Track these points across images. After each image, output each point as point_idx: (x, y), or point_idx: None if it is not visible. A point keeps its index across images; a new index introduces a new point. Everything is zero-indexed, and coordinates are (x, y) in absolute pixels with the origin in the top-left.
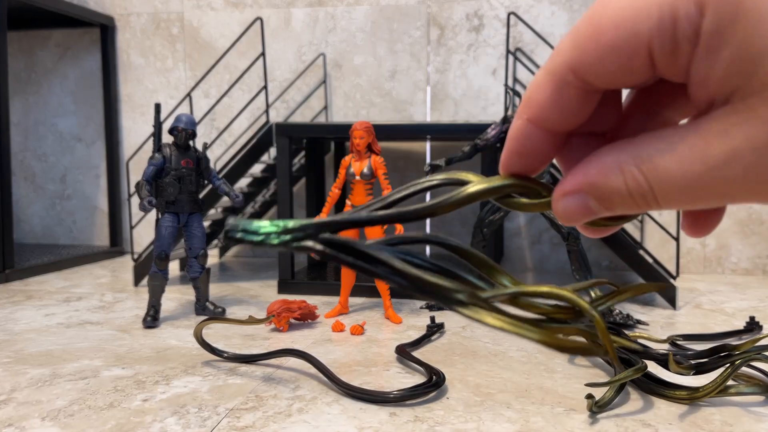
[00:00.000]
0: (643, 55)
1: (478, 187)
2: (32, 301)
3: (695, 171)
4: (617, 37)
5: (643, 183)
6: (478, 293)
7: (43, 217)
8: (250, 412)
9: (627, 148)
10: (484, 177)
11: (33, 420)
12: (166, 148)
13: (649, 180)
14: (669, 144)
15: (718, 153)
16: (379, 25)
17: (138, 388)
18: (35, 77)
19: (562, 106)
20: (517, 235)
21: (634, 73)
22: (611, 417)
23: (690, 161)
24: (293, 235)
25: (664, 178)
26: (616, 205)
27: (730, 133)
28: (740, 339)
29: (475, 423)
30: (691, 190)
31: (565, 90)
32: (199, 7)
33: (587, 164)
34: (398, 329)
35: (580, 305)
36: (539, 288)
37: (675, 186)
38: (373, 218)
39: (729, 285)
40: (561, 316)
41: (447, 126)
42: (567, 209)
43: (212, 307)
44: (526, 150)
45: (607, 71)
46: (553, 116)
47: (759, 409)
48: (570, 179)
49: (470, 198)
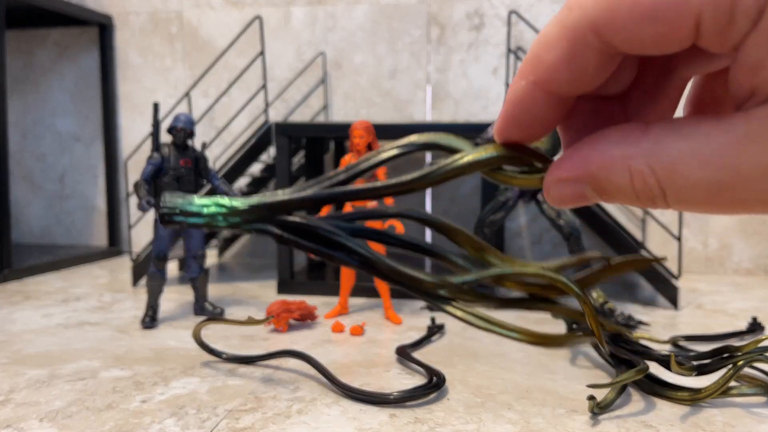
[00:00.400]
0: (689, 25)
1: (468, 158)
2: (30, 302)
3: (722, 180)
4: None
5: (654, 186)
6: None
7: (41, 217)
8: (249, 414)
9: (638, 143)
10: (471, 144)
11: (31, 421)
12: (165, 147)
13: (662, 184)
14: (692, 143)
15: (755, 161)
16: (379, 24)
17: (136, 389)
18: (33, 77)
19: (577, 69)
20: (518, 235)
21: (672, 42)
22: (613, 418)
23: (717, 168)
24: (243, 217)
25: (682, 184)
26: (616, 199)
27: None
28: (742, 340)
29: (476, 424)
30: (713, 198)
31: (582, 51)
32: (198, 6)
33: (591, 149)
34: (398, 330)
35: (568, 286)
36: (526, 269)
37: (694, 193)
38: (335, 194)
39: (731, 285)
40: (547, 293)
41: (447, 125)
42: (561, 195)
43: (211, 307)
44: (529, 116)
45: (639, 38)
46: (565, 79)
47: (761, 410)
48: (568, 164)
49: (459, 171)
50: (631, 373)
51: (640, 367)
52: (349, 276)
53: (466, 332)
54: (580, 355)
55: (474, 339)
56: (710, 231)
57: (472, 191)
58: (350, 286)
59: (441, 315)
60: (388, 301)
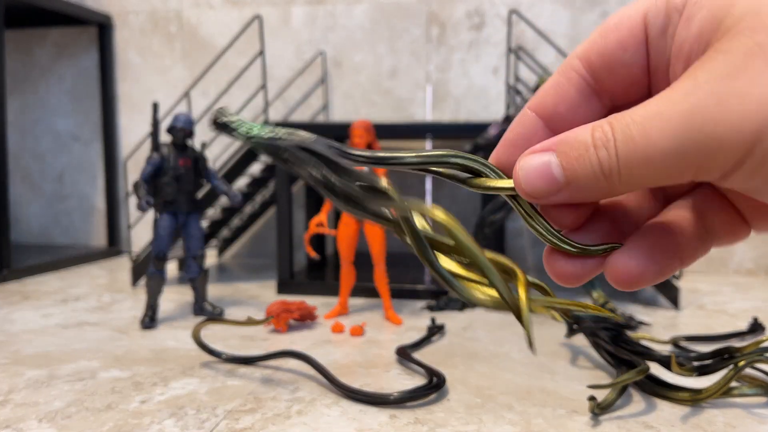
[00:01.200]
0: (640, 30)
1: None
2: (29, 302)
3: (662, 111)
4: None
5: (608, 132)
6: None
7: (40, 217)
8: (249, 414)
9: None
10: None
11: (30, 422)
12: (164, 147)
13: (614, 129)
14: (641, 104)
15: (682, 91)
16: (379, 23)
17: (136, 389)
18: (32, 76)
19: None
20: (518, 235)
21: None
22: (613, 419)
23: (655, 104)
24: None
25: (628, 123)
26: (579, 173)
27: (693, 74)
28: (744, 340)
29: (476, 425)
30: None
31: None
32: (198, 5)
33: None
34: (398, 330)
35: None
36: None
37: (640, 132)
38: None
39: (732, 286)
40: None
41: (448, 125)
42: (527, 169)
43: (210, 307)
44: (519, 138)
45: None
46: (551, 101)
47: (763, 411)
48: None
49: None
50: (631, 373)
51: (641, 368)
52: (349, 276)
53: (467, 333)
54: (581, 355)
55: (474, 339)
56: None
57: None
58: (350, 286)
59: (441, 316)
60: (388, 302)
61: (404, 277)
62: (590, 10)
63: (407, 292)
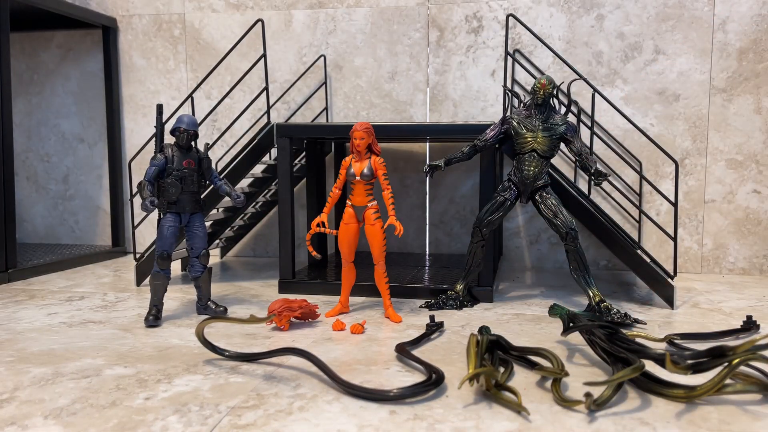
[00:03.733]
0: None
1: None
2: (35, 301)
3: None
4: None
5: None
6: None
7: (45, 217)
8: (252, 411)
9: None
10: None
11: (36, 418)
12: (168, 148)
13: None
14: None
15: None
16: (379, 27)
17: (140, 386)
18: (38, 78)
19: None
20: (516, 234)
21: None
22: (609, 415)
23: None
24: None
25: None
26: None
27: None
28: (738, 338)
29: (475, 421)
30: None
31: None
32: (201, 8)
33: None
34: (398, 328)
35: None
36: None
37: None
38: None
39: (726, 284)
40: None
41: (446, 127)
42: None
43: (214, 306)
44: None
45: None
46: None
47: (756, 408)
48: None
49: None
50: (627, 370)
51: (637, 365)
52: (350, 275)
53: (465, 330)
54: (577, 353)
55: None
56: (706, 231)
57: (471, 192)
58: (351, 285)
59: (440, 314)
60: (388, 300)
61: (404, 276)
62: (586, 13)
63: (407, 291)
